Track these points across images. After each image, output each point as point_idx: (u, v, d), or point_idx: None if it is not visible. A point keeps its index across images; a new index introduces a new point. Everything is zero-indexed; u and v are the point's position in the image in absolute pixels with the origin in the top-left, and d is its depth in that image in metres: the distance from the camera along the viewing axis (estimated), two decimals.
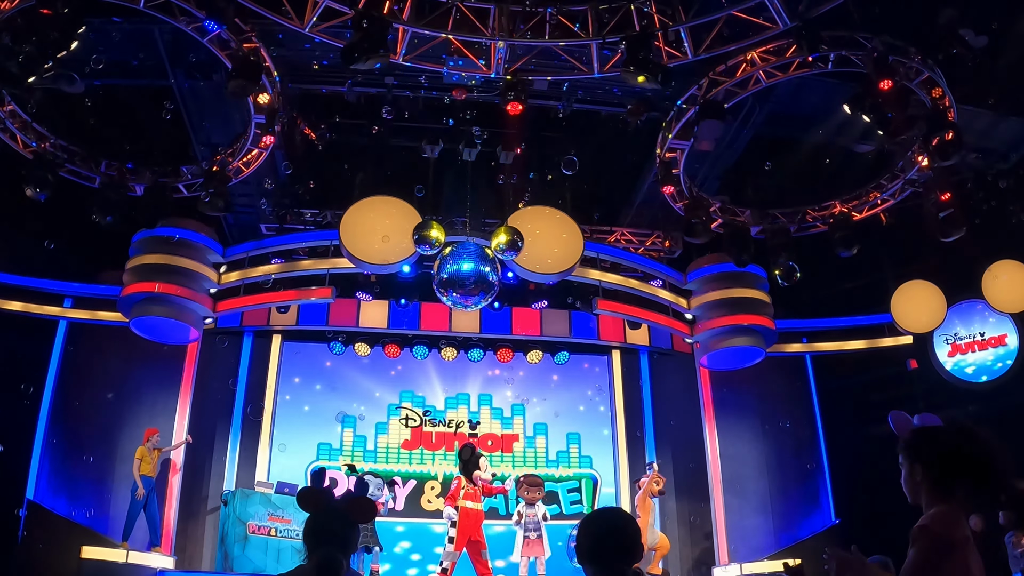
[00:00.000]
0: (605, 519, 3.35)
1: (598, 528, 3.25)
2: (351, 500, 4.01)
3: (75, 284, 14.04)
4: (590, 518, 3.35)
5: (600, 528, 3.25)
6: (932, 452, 3.38)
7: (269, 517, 12.93)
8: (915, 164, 13.15)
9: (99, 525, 12.75)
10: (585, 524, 3.29)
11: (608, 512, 3.36)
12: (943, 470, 3.33)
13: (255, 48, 10.95)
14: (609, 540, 3.17)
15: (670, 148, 12.84)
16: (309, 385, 15.74)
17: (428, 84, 12.46)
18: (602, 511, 3.43)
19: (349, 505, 3.97)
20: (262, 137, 12.43)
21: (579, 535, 3.25)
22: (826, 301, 15.66)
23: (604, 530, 3.22)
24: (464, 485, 11.49)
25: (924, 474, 3.39)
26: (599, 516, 3.39)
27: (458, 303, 12.68)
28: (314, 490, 4.03)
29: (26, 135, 12.35)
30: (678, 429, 15.61)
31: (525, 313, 15.76)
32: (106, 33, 10.95)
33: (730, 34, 10.82)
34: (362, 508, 4.02)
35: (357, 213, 12.63)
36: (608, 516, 3.35)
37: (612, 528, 3.22)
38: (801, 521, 14.68)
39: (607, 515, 3.35)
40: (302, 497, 3.99)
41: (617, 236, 15.94)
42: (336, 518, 3.90)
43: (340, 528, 3.89)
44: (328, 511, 3.92)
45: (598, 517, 3.37)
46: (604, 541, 3.17)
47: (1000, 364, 14.73)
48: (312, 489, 4.03)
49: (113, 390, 13.85)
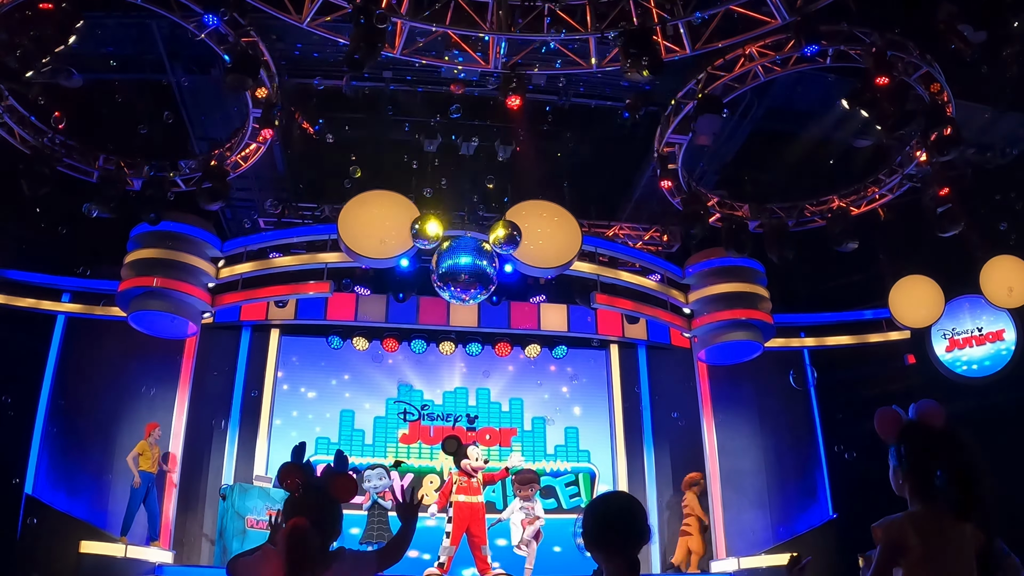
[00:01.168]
0: (611, 503, 3.32)
1: (605, 513, 3.23)
2: (331, 475, 3.85)
3: (73, 279, 14.03)
4: (596, 502, 3.31)
5: (607, 512, 3.23)
6: (913, 454, 3.42)
7: (268, 511, 12.92)
8: (913, 159, 13.16)
9: (98, 519, 12.76)
10: (591, 509, 3.26)
11: (614, 496, 3.33)
12: (924, 473, 3.36)
13: (253, 42, 10.93)
14: (616, 524, 3.14)
15: (668, 142, 12.83)
16: (307, 379, 15.74)
17: (426, 78, 12.45)
18: (608, 495, 3.40)
19: (329, 480, 3.82)
20: (260, 131, 12.42)
21: (585, 520, 3.22)
22: (824, 296, 15.66)
23: (611, 514, 3.20)
24: (456, 480, 11.48)
25: (905, 474, 3.44)
26: (605, 500, 3.36)
27: (456, 297, 12.68)
28: (294, 465, 3.86)
29: (24, 129, 12.33)
30: (676, 424, 15.61)
31: (523, 307, 15.77)
32: (104, 28, 10.93)
33: (728, 28, 10.82)
34: (343, 484, 3.85)
35: (355, 207, 12.62)
36: (614, 500, 3.32)
37: (619, 512, 3.20)
38: (799, 515, 14.70)
39: (613, 499, 3.32)
40: (281, 473, 3.82)
41: (615, 230, 15.93)
42: (315, 494, 3.75)
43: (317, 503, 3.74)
44: (307, 487, 3.77)
45: (604, 501, 3.34)
46: (611, 525, 3.15)
47: (998, 359, 14.74)
48: (292, 464, 3.87)
49: (111, 385, 13.85)
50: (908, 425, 3.51)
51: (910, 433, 3.48)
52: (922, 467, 3.38)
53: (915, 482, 3.41)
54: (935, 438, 3.41)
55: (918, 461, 3.40)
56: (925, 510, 3.35)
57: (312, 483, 3.80)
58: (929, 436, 3.42)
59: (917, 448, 3.42)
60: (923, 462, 3.39)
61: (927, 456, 3.38)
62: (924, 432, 3.45)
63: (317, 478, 3.83)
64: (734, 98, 12.06)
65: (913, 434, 3.46)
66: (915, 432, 3.47)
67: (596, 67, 11.33)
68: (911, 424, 3.51)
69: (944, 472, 3.30)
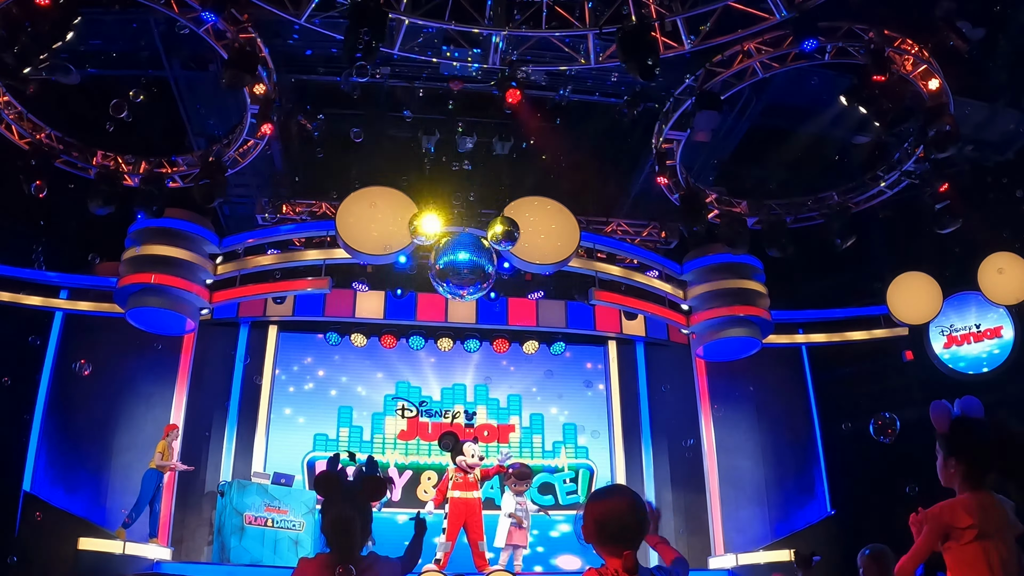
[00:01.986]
0: (611, 496, 3.33)
1: (604, 506, 3.24)
2: (364, 478, 4.04)
3: (71, 275, 14.02)
4: (596, 496, 3.32)
5: (606, 506, 3.23)
6: (968, 447, 3.79)
7: (266, 508, 12.92)
8: (912, 156, 13.15)
9: (96, 516, 12.75)
10: (591, 502, 3.26)
11: (614, 490, 3.33)
12: (977, 463, 3.77)
13: (251, 38, 10.91)
14: (615, 518, 3.15)
15: (666, 139, 12.82)
16: (305, 376, 15.73)
17: (425, 75, 12.44)
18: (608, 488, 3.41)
19: (362, 483, 4.01)
20: (258, 127, 12.40)
21: (585, 514, 3.22)
22: (822, 292, 15.67)
23: (610, 508, 3.21)
24: (452, 476, 11.46)
25: (957, 466, 3.82)
26: (605, 494, 3.36)
27: (454, 293, 12.67)
28: (330, 472, 4.05)
29: (22, 126, 12.31)
30: (674, 420, 15.62)
31: (521, 303, 15.78)
32: (102, 24, 10.91)
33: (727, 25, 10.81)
34: (375, 486, 4.05)
35: (353, 204, 12.62)
36: (614, 493, 3.33)
37: (617, 505, 3.21)
38: (797, 512, 14.72)
39: (613, 492, 3.32)
40: (318, 482, 4.01)
41: (613, 227, 15.93)
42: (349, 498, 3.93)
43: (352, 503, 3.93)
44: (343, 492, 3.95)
45: (604, 495, 3.35)
46: (611, 519, 3.15)
47: (996, 356, 14.76)
48: (328, 471, 4.06)
49: (110, 382, 13.83)
50: (958, 419, 3.87)
51: (960, 427, 3.85)
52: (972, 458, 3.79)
53: (966, 470, 3.80)
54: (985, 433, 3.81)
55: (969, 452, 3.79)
56: (973, 495, 3.74)
57: (347, 487, 3.99)
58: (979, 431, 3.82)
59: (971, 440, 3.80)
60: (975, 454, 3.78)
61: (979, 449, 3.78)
62: (973, 426, 3.83)
63: (350, 482, 4.01)
64: (732, 94, 12.05)
65: (963, 428, 3.84)
66: (965, 426, 3.85)
67: (594, 63, 11.32)
68: (961, 419, 3.87)
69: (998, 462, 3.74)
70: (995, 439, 3.73)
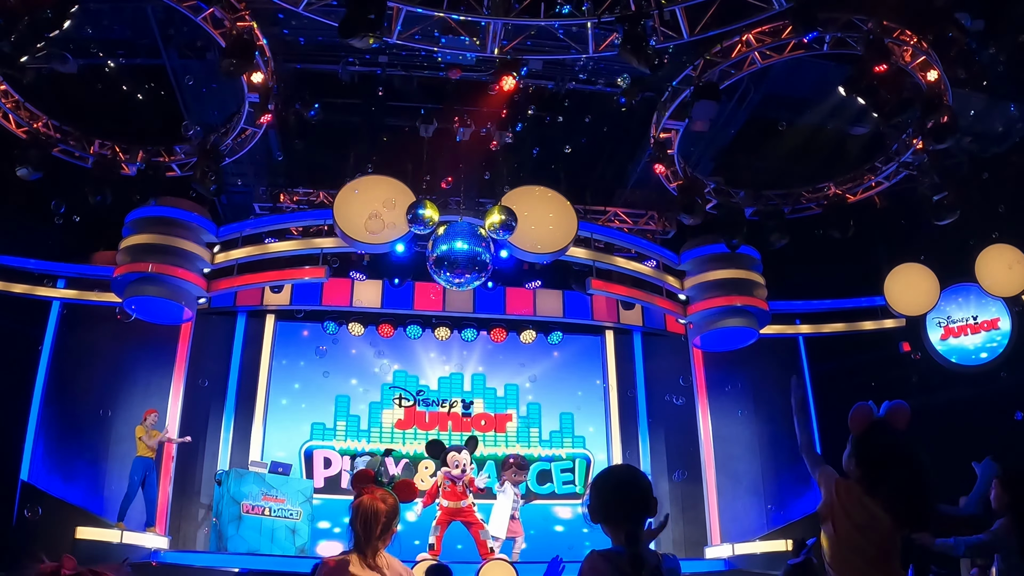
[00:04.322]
0: (616, 476, 3.34)
1: (609, 485, 3.25)
2: (397, 482, 4.20)
3: (68, 264, 14.00)
4: (601, 476, 3.33)
5: (611, 485, 3.25)
6: (867, 459, 3.67)
7: (263, 497, 12.94)
8: (910, 147, 13.15)
9: (94, 505, 12.77)
10: (596, 482, 3.28)
11: (618, 469, 3.35)
12: (871, 474, 3.62)
13: (249, 27, 10.88)
14: (620, 496, 3.17)
15: (664, 128, 12.82)
16: (303, 364, 15.73)
17: (422, 63, 12.41)
18: (613, 468, 3.43)
19: (396, 486, 4.15)
20: (255, 116, 12.37)
21: (591, 494, 3.26)
22: (820, 283, 15.67)
23: (615, 487, 3.23)
24: (441, 484, 11.34)
25: (855, 470, 3.70)
26: (610, 473, 3.38)
27: (451, 282, 12.68)
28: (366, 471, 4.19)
29: (19, 114, 12.28)
30: (671, 410, 15.63)
31: (519, 293, 15.78)
32: (99, 12, 10.87)
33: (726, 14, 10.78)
34: (406, 488, 4.21)
35: (351, 193, 12.60)
36: (618, 473, 3.34)
37: (623, 484, 3.23)
38: (793, 502, 14.74)
39: (618, 472, 3.34)
40: (355, 478, 4.16)
41: (611, 216, 15.93)
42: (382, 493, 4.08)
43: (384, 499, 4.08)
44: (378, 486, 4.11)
45: (609, 475, 3.36)
46: (615, 497, 3.17)
47: (992, 347, 14.79)
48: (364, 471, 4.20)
49: (107, 371, 13.84)
50: (872, 425, 3.73)
51: (870, 434, 3.71)
52: (869, 470, 3.64)
53: (860, 476, 3.67)
54: (888, 449, 3.63)
55: (866, 463, 3.67)
56: (860, 487, 3.62)
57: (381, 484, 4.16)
58: (884, 446, 3.65)
59: (870, 453, 3.67)
60: (872, 466, 3.64)
61: (877, 464, 3.63)
62: (881, 438, 3.68)
63: (384, 482, 4.17)
64: (731, 84, 12.03)
65: (871, 437, 3.70)
66: (874, 434, 3.70)
67: (593, 52, 11.29)
68: (875, 424, 3.73)
69: (889, 481, 3.56)
70: (895, 456, 3.60)
